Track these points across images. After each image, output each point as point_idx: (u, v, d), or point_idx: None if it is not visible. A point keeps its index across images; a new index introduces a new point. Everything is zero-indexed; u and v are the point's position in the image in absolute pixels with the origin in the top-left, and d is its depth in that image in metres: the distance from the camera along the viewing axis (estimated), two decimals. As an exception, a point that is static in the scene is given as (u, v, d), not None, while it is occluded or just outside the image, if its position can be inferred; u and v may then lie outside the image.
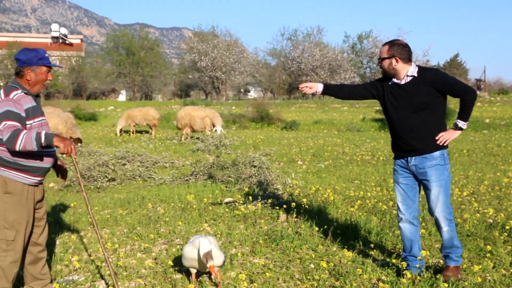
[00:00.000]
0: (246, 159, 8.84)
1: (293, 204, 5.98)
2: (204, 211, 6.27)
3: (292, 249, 4.73)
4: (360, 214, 5.79)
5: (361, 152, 11.85)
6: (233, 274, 4.14)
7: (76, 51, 47.34)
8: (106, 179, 8.58)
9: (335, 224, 5.20)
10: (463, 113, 3.78)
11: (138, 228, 5.62)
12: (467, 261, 4.31)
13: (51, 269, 4.25)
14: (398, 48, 3.80)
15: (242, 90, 56.31)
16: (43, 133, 3.30)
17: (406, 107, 3.83)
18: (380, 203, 6.32)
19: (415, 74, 3.81)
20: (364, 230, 5.22)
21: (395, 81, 3.88)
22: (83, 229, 5.63)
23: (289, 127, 20.02)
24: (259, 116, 21.52)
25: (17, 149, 3.26)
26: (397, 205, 4.05)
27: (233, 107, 27.38)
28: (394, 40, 3.92)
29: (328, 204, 6.35)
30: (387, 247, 4.77)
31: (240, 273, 4.04)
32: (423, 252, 4.04)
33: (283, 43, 48.41)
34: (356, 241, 4.86)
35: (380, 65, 3.92)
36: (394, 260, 4.32)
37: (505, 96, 30.96)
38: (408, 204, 3.98)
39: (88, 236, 5.38)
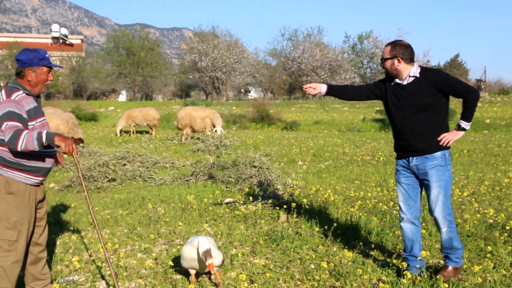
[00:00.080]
0: (246, 159, 8.84)
1: (294, 204, 5.98)
2: (205, 211, 6.27)
3: (292, 250, 4.73)
4: (360, 214, 5.78)
5: (362, 153, 11.85)
6: (234, 275, 4.14)
7: (76, 51, 47.39)
8: (107, 180, 8.58)
9: (336, 224, 5.20)
10: (466, 113, 3.77)
11: (138, 228, 5.62)
12: (467, 261, 4.31)
13: (51, 270, 4.25)
14: (400, 49, 3.81)
15: (242, 90, 56.34)
16: (44, 133, 3.30)
17: (408, 107, 3.83)
18: (381, 204, 6.32)
19: (417, 74, 3.81)
20: (365, 230, 5.22)
21: (398, 82, 3.89)
22: (84, 230, 5.63)
23: (290, 128, 20.02)
24: (259, 116, 21.53)
25: (19, 149, 3.26)
26: (399, 205, 4.06)
27: (234, 108, 27.38)
28: (397, 40, 3.94)
29: (329, 205, 6.35)
30: (388, 248, 4.77)
31: (240, 274, 4.04)
32: (423, 253, 4.04)
33: (284, 43, 48.57)
34: (356, 242, 4.85)
35: (383, 66, 3.93)
36: (394, 261, 4.33)
37: (505, 96, 30.95)
38: (410, 204, 3.99)
39: (88, 237, 5.38)
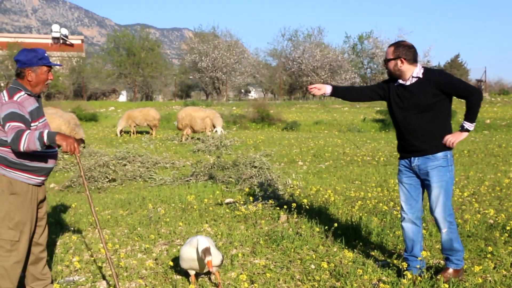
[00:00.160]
0: (246, 159, 8.84)
1: (294, 204, 5.98)
2: (205, 211, 6.27)
3: (292, 250, 4.73)
4: (360, 214, 5.78)
5: (362, 153, 11.84)
6: (234, 275, 4.14)
7: (76, 51, 47.43)
8: (107, 180, 8.58)
9: (336, 224, 5.19)
10: (469, 114, 3.76)
11: (138, 228, 5.62)
12: (468, 261, 4.31)
13: (51, 270, 4.26)
14: (403, 49, 3.82)
15: (242, 90, 56.38)
16: (45, 132, 3.30)
17: (411, 108, 3.84)
18: (381, 204, 6.32)
19: (421, 75, 3.82)
20: (365, 230, 5.22)
21: (401, 82, 3.90)
22: (84, 230, 5.63)
23: (290, 128, 20.02)
24: (259, 116, 21.53)
25: (21, 149, 3.26)
26: (401, 205, 4.06)
27: (234, 108, 27.39)
28: (400, 41, 3.95)
29: (329, 205, 6.35)
30: (388, 248, 4.77)
31: (240, 274, 4.04)
32: (424, 253, 4.03)
33: (284, 43, 48.60)
34: (356, 242, 4.85)
35: (386, 66, 3.94)
36: (395, 261, 4.33)
37: (505, 96, 30.94)
38: (411, 204, 3.99)
39: (88, 237, 5.38)
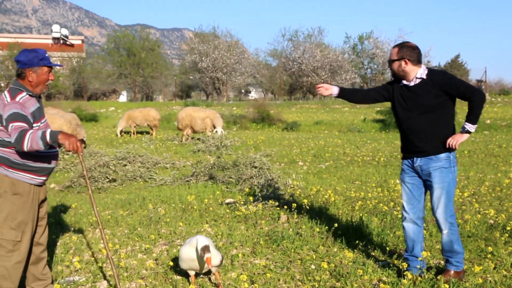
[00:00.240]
0: (247, 160, 8.84)
1: (294, 205, 5.98)
2: (205, 212, 6.28)
3: (293, 250, 4.73)
4: (361, 215, 5.78)
5: (362, 153, 11.84)
6: (234, 275, 4.14)
7: (77, 52, 47.44)
8: (107, 180, 8.58)
9: (336, 225, 5.20)
10: (471, 115, 3.75)
11: (139, 229, 5.62)
12: (468, 262, 4.31)
13: (52, 270, 4.26)
14: (407, 50, 3.83)
15: (243, 91, 56.41)
16: (48, 132, 3.31)
17: (414, 108, 3.85)
18: (381, 204, 6.32)
19: (424, 76, 3.82)
20: (365, 231, 5.22)
21: (405, 83, 3.91)
22: (84, 230, 5.63)
23: (290, 128, 20.02)
24: (260, 117, 21.53)
25: (25, 149, 3.27)
26: (402, 205, 4.07)
27: (234, 108, 27.39)
28: (404, 42, 3.96)
29: (329, 205, 6.35)
30: (388, 248, 4.77)
31: (241, 274, 4.04)
32: (424, 253, 4.04)
33: (284, 44, 48.49)
34: (357, 242, 4.85)
35: (390, 67, 3.95)
36: (395, 261, 4.33)
37: (506, 97, 30.94)
38: (413, 204, 3.99)
39: (89, 237, 5.38)
